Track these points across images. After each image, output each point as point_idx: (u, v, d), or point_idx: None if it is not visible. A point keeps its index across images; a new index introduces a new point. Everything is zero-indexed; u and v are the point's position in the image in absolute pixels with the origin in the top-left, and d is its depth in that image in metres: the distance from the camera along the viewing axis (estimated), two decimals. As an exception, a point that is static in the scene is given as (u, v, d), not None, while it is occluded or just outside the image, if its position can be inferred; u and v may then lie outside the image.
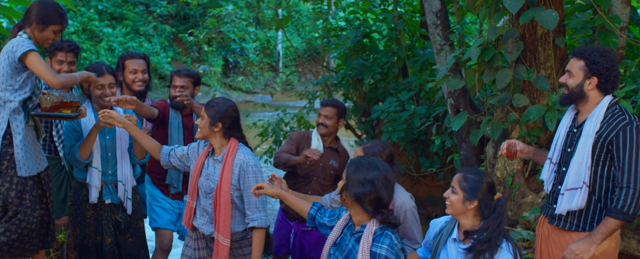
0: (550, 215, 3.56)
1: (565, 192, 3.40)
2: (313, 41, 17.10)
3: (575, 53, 3.43)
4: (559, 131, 3.58)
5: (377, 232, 2.98)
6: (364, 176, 2.97)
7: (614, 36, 4.87)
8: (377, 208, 2.99)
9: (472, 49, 5.03)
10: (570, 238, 3.45)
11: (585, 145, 3.34)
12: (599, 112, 3.37)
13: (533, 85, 4.98)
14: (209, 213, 3.93)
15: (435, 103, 7.34)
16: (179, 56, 18.68)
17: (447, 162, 7.12)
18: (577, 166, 3.37)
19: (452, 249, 3.26)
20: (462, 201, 3.20)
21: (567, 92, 3.44)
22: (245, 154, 3.89)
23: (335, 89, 8.80)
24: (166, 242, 4.87)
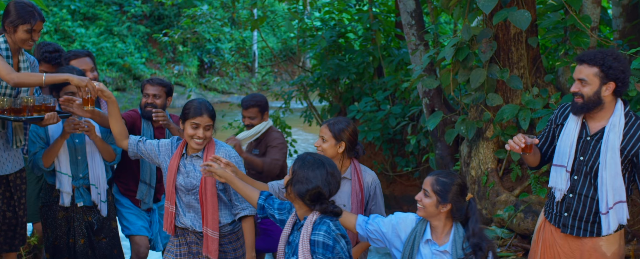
0: (562, 223, 3.49)
1: (610, 211, 3.31)
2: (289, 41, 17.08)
3: (584, 59, 3.28)
4: (568, 137, 3.43)
5: (316, 221, 3.06)
6: (308, 173, 3.04)
7: (585, 36, 4.94)
8: (316, 201, 3.06)
9: (447, 49, 5.07)
10: (581, 243, 3.44)
11: (615, 159, 3.27)
12: (619, 120, 3.30)
13: (506, 84, 5.04)
14: (195, 209, 3.93)
15: (410, 103, 7.38)
16: (154, 56, 18.52)
17: (422, 161, 7.17)
18: (612, 181, 3.29)
19: (426, 251, 3.26)
20: (435, 205, 3.20)
21: (582, 101, 3.30)
22: (225, 147, 3.93)
23: (311, 89, 8.81)
24: (143, 249, 4.75)
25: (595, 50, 3.31)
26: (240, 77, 19.90)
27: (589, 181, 3.37)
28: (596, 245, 3.41)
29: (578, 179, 3.40)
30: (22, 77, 3.78)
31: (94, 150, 4.36)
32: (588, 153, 3.36)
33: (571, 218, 3.44)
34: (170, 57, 18.78)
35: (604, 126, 3.32)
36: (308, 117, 8.91)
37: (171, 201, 3.92)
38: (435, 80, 5.57)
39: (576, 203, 3.41)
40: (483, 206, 5.50)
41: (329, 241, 3.00)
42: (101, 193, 4.37)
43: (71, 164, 4.28)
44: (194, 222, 3.94)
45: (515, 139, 3.33)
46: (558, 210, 3.51)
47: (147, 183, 4.71)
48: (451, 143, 6.11)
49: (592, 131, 3.37)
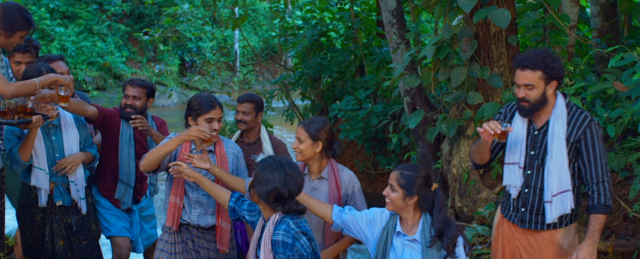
0: (520, 219, 3.58)
1: (553, 199, 3.41)
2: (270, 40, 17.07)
3: (526, 65, 3.37)
4: (517, 134, 3.53)
5: (278, 221, 3.11)
6: (267, 174, 3.09)
7: (563, 34, 4.99)
8: (278, 202, 3.10)
9: (428, 48, 5.09)
10: (540, 236, 3.53)
11: (561, 149, 3.38)
12: (561, 112, 3.41)
13: (487, 82, 5.07)
14: (203, 204, 3.95)
15: (392, 102, 7.41)
16: (134, 55, 18.39)
17: (404, 160, 7.19)
18: (557, 170, 3.39)
19: (397, 242, 3.36)
20: (402, 198, 3.30)
21: (529, 105, 3.40)
22: (232, 142, 4.03)
23: (292, 88, 8.80)
24: (124, 251, 4.72)
25: (533, 54, 3.40)
26: (221, 76, 19.83)
27: (542, 174, 3.47)
28: (553, 237, 3.52)
29: (531, 173, 3.50)
30: (18, 87, 3.76)
31: (72, 147, 4.33)
32: (537, 146, 3.48)
33: (528, 213, 3.54)
34: (151, 56, 18.66)
35: (549, 119, 3.45)
36: (290, 115, 8.90)
37: (180, 197, 3.95)
38: (417, 78, 5.60)
39: (532, 197, 3.51)
40: (464, 204, 5.53)
41: (288, 239, 3.04)
42: (80, 190, 4.33)
43: (50, 162, 4.24)
44: (200, 218, 3.96)
45: (490, 124, 3.36)
46: (515, 206, 3.60)
47: (125, 183, 4.67)
48: (432, 141, 6.14)
49: (538, 125, 3.49)
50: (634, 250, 4.34)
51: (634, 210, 4.27)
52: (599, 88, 4.78)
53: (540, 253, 3.54)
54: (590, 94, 4.97)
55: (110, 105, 16.54)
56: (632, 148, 4.58)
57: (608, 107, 4.84)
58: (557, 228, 3.51)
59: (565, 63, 5.08)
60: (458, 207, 5.62)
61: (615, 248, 4.45)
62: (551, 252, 3.52)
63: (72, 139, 4.35)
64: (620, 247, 4.44)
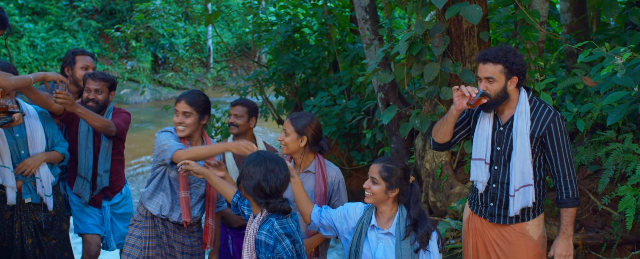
0: (489, 213, 3.64)
1: (516, 193, 3.49)
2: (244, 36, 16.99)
3: (487, 58, 3.44)
4: (483, 130, 3.59)
5: (263, 220, 3.10)
6: (250, 169, 3.10)
7: (534, 30, 5.05)
8: (265, 198, 3.08)
9: (401, 43, 5.11)
10: (510, 229, 3.60)
11: (524, 144, 3.44)
12: (525, 107, 3.48)
13: (459, 78, 5.11)
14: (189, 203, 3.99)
15: (365, 97, 7.43)
16: (106, 52, 18.16)
17: (378, 155, 7.22)
18: (520, 165, 3.46)
19: (372, 236, 3.37)
20: (384, 191, 3.32)
21: (488, 99, 3.45)
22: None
23: (266, 84, 8.77)
24: (93, 248, 4.69)
25: (496, 49, 3.47)
26: (195, 73, 19.68)
27: (508, 170, 3.53)
28: (523, 230, 3.59)
29: (498, 169, 3.56)
30: (18, 81, 3.82)
31: (37, 144, 4.26)
32: (503, 142, 3.54)
33: (497, 207, 3.61)
34: (123, 52, 18.44)
35: (513, 114, 3.51)
36: (264, 112, 8.87)
37: (188, 191, 3.97)
38: (390, 74, 5.62)
39: (500, 192, 3.58)
40: (438, 199, 5.58)
41: (270, 240, 3.03)
42: (45, 186, 4.26)
43: (15, 159, 4.17)
44: (180, 216, 3.98)
45: (469, 87, 3.43)
46: (483, 201, 3.66)
47: (83, 177, 4.62)
48: (406, 137, 6.17)
49: (503, 121, 3.55)
50: (603, 242, 4.41)
51: (602, 203, 4.34)
52: (568, 83, 4.85)
53: (513, 246, 3.60)
54: (560, 89, 5.04)
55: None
56: (600, 142, 4.66)
57: (577, 102, 4.91)
58: (526, 220, 3.57)
59: (535, 59, 5.15)
60: (431, 202, 5.66)
61: (585, 240, 4.53)
62: (522, 244, 3.59)
63: (37, 135, 4.27)
64: (589, 239, 4.52)
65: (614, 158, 4.34)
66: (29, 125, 4.22)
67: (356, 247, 3.38)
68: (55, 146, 4.41)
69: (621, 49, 3.87)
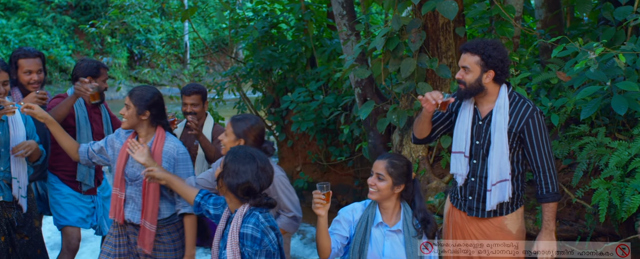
0: (467, 207, 3.66)
1: (493, 187, 3.51)
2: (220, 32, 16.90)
3: (467, 48, 3.49)
4: (463, 124, 3.61)
5: (246, 214, 3.08)
6: (238, 167, 3.05)
7: (509, 25, 5.10)
8: (248, 195, 3.08)
9: (377, 39, 5.13)
10: (489, 223, 3.62)
11: (502, 139, 3.47)
12: (503, 102, 3.49)
13: (436, 73, 5.14)
14: (137, 201, 3.88)
15: (343, 93, 7.44)
16: (81, 48, 17.95)
17: (355, 151, 7.24)
18: (498, 160, 3.48)
19: (377, 233, 3.37)
20: (390, 187, 3.33)
21: (464, 88, 3.50)
22: (175, 142, 3.90)
23: (244, 80, 8.74)
24: (74, 241, 4.66)
25: (478, 40, 3.51)
26: (171, 69, 19.55)
27: (487, 164, 3.56)
28: (502, 224, 3.61)
29: (477, 163, 3.59)
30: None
31: (17, 141, 4.20)
32: (482, 136, 3.56)
33: (475, 201, 3.63)
34: (99, 48, 18.25)
35: (492, 109, 3.53)
36: (241, 108, 8.84)
37: (121, 189, 3.88)
38: (367, 70, 5.64)
39: (478, 186, 3.60)
40: (415, 193, 5.61)
41: (257, 233, 3.02)
42: (22, 187, 4.21)
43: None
44: (132, 214, 3.89)
45: (432, 93, 3.44)
46: (462, 194, 3.69)
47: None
48: (383, 132, 6.19)
49: (482, 115, 3.58)
50: (577, 235, 4.48)
51: (576, 196, 4.40)
52: (543, 78, 4.90)
53: (491, 239, 3.62)
54: (535, 84, 5.09)
55: (56, 99, 16.15)
56: (574, 136, 4.72)
57: (552, 96, 4.96)
58: (503, 214, 3.60)
59: (511, 54, 5.19)
60: (409, 196, 5.70)
61: (559, 233, 4.58)
62: (500, 238, 3.61)
63: (20, 134, 4.23)
64: (564, 232, 4.58)
65: (587, 152, 4.40)
66: (12, 124, 4.16)
67: (361, 246, 3.36)
68: None
69: (594, 44, 3.92)
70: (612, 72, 4.22)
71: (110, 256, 3.98)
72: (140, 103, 3.78)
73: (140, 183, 3.83)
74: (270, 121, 8.63)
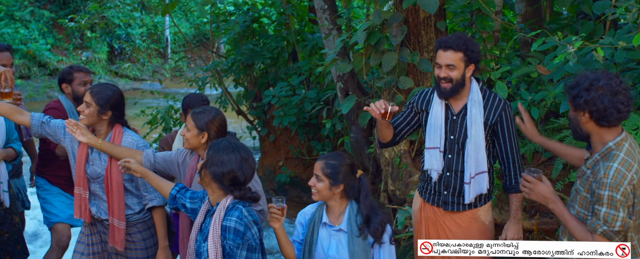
0: (442, 201, 3.69)
1: (472, 180, 3.55)
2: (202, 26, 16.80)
3: (451, 46, 3.45)
4: (436, 119, 3.62)
5: (229, 207, 3.08)
6: (222, 156, 3.06)
7: (490, 20, 5.12)
8: (234, 186, 3.08)
9: (359, 33, 5.13)
10: (462, 216, 3.68)
11: (479, 132, 3.50)
12: (477, 97, 3.53)
13: (417, 67, 5.15)
14: (100, 197, 3.86)
15: (325, 87, 7.44)
16: (60, 42, 17.74)
17: (338, 145, 7.25)
18: (474, 153, 3.52)
19: (324, 233, 3.37)
20: (328, 188, 3.31)
21: (451, 86, 3.48)
22: (133, 136, 3.87)
23: (225, 75, 8.71)
24: (64, 239, 4.63)
25: (455, 36, 3.50)
26: (152, 63, 19.40)
27: (462, 158, 3.59)
28: (475, 216, 3.68)
29: (452, 157, 3.61)
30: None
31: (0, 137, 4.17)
32: (456, 131, 3.59)
33: (451, 195, 3.67)
34: (78, 43, 18.05)
35: (466, 103, 3.56)
36: (223, 102, 8.81)
37: (84, 187, 3.83)
38: (349, 64, 5.64)
39: (454, 180, 3.64)
40: (397, 187, 5.63)
41: (241, 227, 3.02)
42: (3, 182, 4.18)
43: None
44: (99, 211, 3.86)
45: (377, 104, 3.44)
46: (437, 189, 3.71)
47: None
48: (365, 126, 6.21)
49: (456, 110, 3.60)
50: (557, 227, 4.52)
51: (556, 189, 4.45)
52: (523, 71, 4.94)
53: (465, 232, 3.67)
54: (515, 77, 5.13)
55: (35, 95, 15.95)
56: (554, 129, 4.76)
57: (532, 90, 5.01)
58: (478, 206, 3.66)
59: (491, 48, 5.22)
60: (391, 190, 5.72)
61: (539, 225, 4.63)
62: (474, 229, 3.68)
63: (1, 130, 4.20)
64: (544, 225, 4.63)
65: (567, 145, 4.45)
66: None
67: (309, 246, 3.37)
68: (10, 143, 4.33)
69: (573, 38, 3.96)
70: (590, 65, 4.26)
71: (83, 255, 3.96)
72: (104, 103, 3.74)
73: (102, 180, 3.80)
74: (252, 116, 8.61)
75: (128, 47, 18.29)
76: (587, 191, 2.86)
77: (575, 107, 2.82)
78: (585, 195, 2.88)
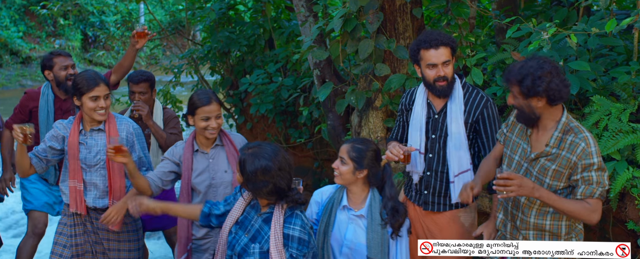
0: (423, 201, 3.67)
1: (455, 179, 3.51)
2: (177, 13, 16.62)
3: (440, 43, 3.40)
4: (416, 120, 3.58)
5: (287, 213, 3.01)
6: (256, 169, 2.95)
7: (465, 6, 5.14)
8: (278, 195, 3.01)
9: (335, 20, 5.12)
10: (442, 216, 3.65)
11: (459, 130, 3.47)
12: (458, 93, 3.50)
13: (393, 54, 5.17)
14: (99, 187, 3.83)
15: (302, 75, 7.42)
16: (32, 30, 17.46)
17: (315, 132, 7.25)
18: (456, 151, 3.48)
19: (342, 216, 3.36)
20: (352, 172, 3.31)
21: (446, 84, 3.44)
22: (125, 119, 3.93)
23: (201, 62, 8.65)
24: (40, 226, 4.62)
25: (436, 32, 3.47)
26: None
27: (444, 157, 3.55)
28: (455, 217, 3.65)
29: (433, 157, 3.58)
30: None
31: None
32: (438, 130, 3.55)
33: (431, 195, 3.63)
34: (51, 30, 17.78)
35: (446, 101, 3.52)
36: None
37: (78, 179, 3.80)
38: (325, 51, 5.63)
39: (434, 180, 3.60)
40: (374, 174, 5.66)
41: (305, 236, 2.96)
42: None
43: None
44: (96, 201, 3.85)
45: (393, 151, 3.40)
46: (418, 189, 3.69)
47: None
48: (342, 114, 6.21)
49: (437, 109, 3.56)
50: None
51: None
52: (498, 58, 4.97)
53: (444, 233, 3.65)
54: (490, 64, 5.16)
55: (8, 83, 15.70)
56: (529, 115, 4.81)
57: (507, 77, 5.04)
58: (458, 207, 3.63)
59: (467, 35, 5.25)
60: (368, 177, 5.74)
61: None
62: (453, 231, 3.65)
63: None
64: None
65: (541, 131, 4.49)
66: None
67: (325, 227, 3.34)
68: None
69: (547, 25, 3.99)
70: (564, 52, 4.30)
71: (66, 248, 3.92)
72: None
73: (100, 167, 3.79)
74: (229, 103, 8.57)
75: (102, 35, 18.07)
76: (559, 165, 2.99)
77: (531, 95, 2.96)
78: (558, 169, 3.00)
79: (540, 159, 3.07)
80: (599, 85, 4.38)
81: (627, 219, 3.88)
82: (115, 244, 3.97)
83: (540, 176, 3.08)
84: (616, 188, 3.67)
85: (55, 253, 3.93)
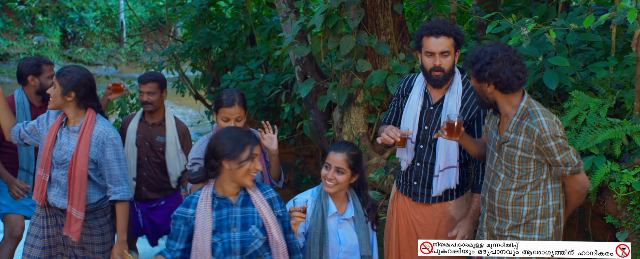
0: (412, 192, 3.63)
1: (440, 173, 3.48)
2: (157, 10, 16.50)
3: (441, 32, 3.32)
4: (411, 109, 3.53)
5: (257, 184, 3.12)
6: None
7: (446, 2, 5.17)
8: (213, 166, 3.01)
9: (316, 16, 5.12)
10: (432, 209, 3.63)
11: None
12: (457, 88, 3.44)
13: (375, 50, 5.18)
14: (62, 185, 3.76)
15: (283, 71, 7.41)
16: (10, 27, 17.22)
17: (297, 129, 7.25)
18: (445, 146, 3.43)
19: (332, 223, 3.35)
20: (349, 179, 3.31)
21: (443, 74, 3.37)
22: (105, 126, 3.77)
23: (182, 59, 8.60)
24: (17, 229, 4.52)
25: (440, 22, 3.40)
26: (107, 48, 19.01)
27: (434, 149, 3.52)
28: (445, 210, 3.62)
29: (424, 148, 3.55)
30: None
31: None
32: (432, 122, 3.51)
33: (420, 186, 3.60)
34: (29, 27, 17.55)
35: (445, 94, 3.48)
36: (181, 87, 8.71)
37: (46, 170, 3.75)
38: (307, 47, 5.63)
39: (423, 171, 3.57)
40: (356, 170, 5.68)
41: (275, 193, 3.13)
42: None
43: None
44: (57, 199, 3.78)
45: (389, 133, 3.35)
46: (407, 179, 3.66)
47: (25, 170, 4.48)
48: (324, 110, 6.22)
49: (434, 100, 3.51)
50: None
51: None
52: (478, 54, 5.00)
53: (433, 226, 3.63)
54: (471, 60, 5.19)
55: (-15, 81, 15.50)
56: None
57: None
58: (448, 200, 3.60)
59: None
60: (350, 173, 5.75)
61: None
62: (442, 225, 3.62)
63: None
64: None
65: (521, 126, 4.53)
66: None
67: (321, 238, 3.29)
68: None
69: (526, 20, 4.02)
70: (543, 47, 4.34)
71: (38, 238, 3.86)
72: (66, 83, 3.67)
73: (66, 166, 3.73)
74: (210, 100, 8.53)
75: (82, 31, 17.89)
76: (523, 151, 3.03)
77: (480, 80, 3.00)
78: (523, 154, 3.04)
79: (503, 146, 3.09)
80: (578, 80, 4.42)
81: (606, 213, 3.92)
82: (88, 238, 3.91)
83: (508, 163, 3.10)
84: (595, 182, 3.71)
85: (28, 243, 3.88)
